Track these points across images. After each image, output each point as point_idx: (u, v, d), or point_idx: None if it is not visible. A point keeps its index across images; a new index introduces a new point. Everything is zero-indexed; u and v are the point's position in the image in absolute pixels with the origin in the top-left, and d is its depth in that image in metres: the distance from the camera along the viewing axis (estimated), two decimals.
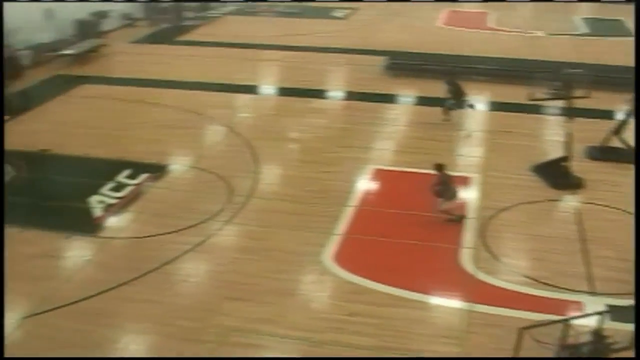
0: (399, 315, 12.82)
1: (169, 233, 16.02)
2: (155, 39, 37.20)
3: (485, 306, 13.01)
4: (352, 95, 25.83)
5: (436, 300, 13.35)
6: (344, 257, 14.81)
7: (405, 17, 41.54)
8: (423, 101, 24.94)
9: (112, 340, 12.35)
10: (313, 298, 13.53)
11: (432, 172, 16.29)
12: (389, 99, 25.42)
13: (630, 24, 36.61)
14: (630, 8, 33.42)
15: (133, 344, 12.28)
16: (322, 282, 14.03)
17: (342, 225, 16.16)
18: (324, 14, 42.33)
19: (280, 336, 12.30)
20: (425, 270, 14.44)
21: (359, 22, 40.11)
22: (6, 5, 30.23)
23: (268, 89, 27.49)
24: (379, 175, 18.90)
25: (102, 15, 37.13)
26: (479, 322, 12.63)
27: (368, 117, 22.75)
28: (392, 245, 15.27)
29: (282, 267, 14.50)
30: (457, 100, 21.76)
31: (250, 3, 44.81)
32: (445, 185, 15.95)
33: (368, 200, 17.58)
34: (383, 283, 13.69)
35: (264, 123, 22.92)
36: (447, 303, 13.25)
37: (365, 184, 18.38)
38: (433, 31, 37.90)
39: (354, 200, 17.37)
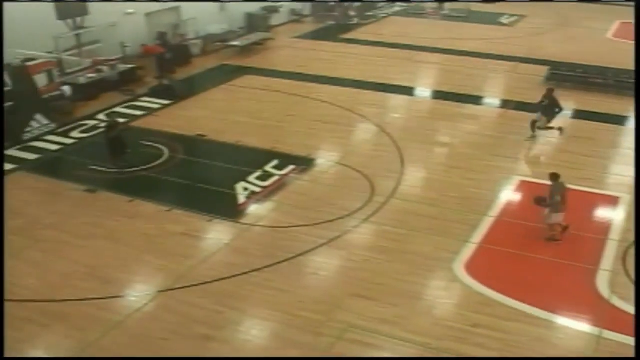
0: (523, 332, 12.43)
1: (306, 225, 16.34)
2: (319, 35, 37.91)
3: (616, 334, 12.34)
4: (507, 104, 25.18)
5: (564, 321, 12.81)
6: (476, 267, 14.53)
7: (574, 27, 39.94)
8: (580, 115, 23.93)
9: (236, 322, 12.82)
10: (438, 305, 13.39)
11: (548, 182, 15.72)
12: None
13: None
14: None
15: (255, 329, 12.68)
16: (450, 290, 13.86)
17: (479, 235, 15.84)
18: (491, 19, 41.47)
19: (398, 338, 12.26)
20: (557, 288, 13.87)
21: (525, 30, 38.98)
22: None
23: (423, 91, 27.32)
24: (524, 187, 18.34)
25: (272, 10, 38.27)
26: (607, 350, 12.03)
27: (521, 127, 22.09)
28: (527, 259, 14.80)
29: (412, 270, 14.44)
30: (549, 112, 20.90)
31: (416, 4, 44.60)
32: (554, 197, 15.22)
33: (509, 211, 17.11)
34: (512, 297, 13.32)
35: (414, 125, 22.84)
36: (575, 325, 12.69)
37: (508, 195, 17.90)
38: (601, 43, 36.14)
39: (495, 210, 16.97)
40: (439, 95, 26.11)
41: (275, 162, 19.75)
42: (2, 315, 10.81)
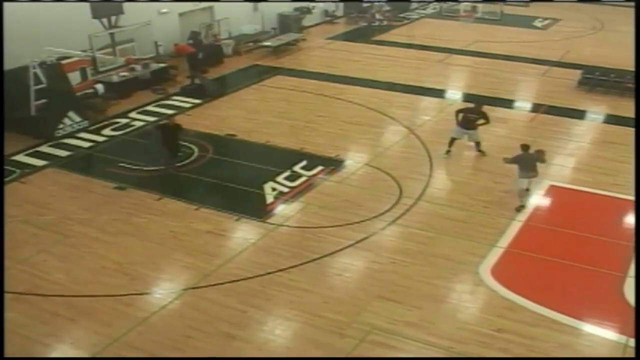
0: (548, 338, 12.30)
1: (333, 226, 16.35)
2: (351, 36, 37.86)
3: None
4: (539, 108, 24.92)
5: (590, 328, 12.66)
6: (502, 271, 14.43)
7: (609, 31, 39.44)
8: (613, 119, 23.64)
9: (259, 322, 12.84)
10: (463, 308, 13.32)
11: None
12: (577, 114, 24.22)
13: None
14: None
15: (278, 329, 12.68)
16: (475, 294, 13.77)
17: (506, 239, 15.71)
18: (524, 22, 41.11)
19: (422, 342, 12.22)
20: (584, 295, 13.71)
21: (559, 34, 38.56)
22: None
23: (453, 93, 27.16)
24: (554, 192, 18.17)
25: (305, 11, 38.35)
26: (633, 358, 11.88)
27: (552, 132, 21.91)
28: (554, 265, 14.62)
29: (438, 273, 14.38)
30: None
31: (450, 6, 44.40)
32: (518, 162, 16.92)
33: (538, 216, 16.94)
34: (538, 303, 13.18)
35: (444, 127, 22.66)
36: (601, 333, 12.52)
37: (538, 199, 17.72)
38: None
39: (524, 215, 16.83)
40: (469, 98, 25.92)
41: (303, 163, 19.79)
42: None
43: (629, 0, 33.91)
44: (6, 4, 22.51)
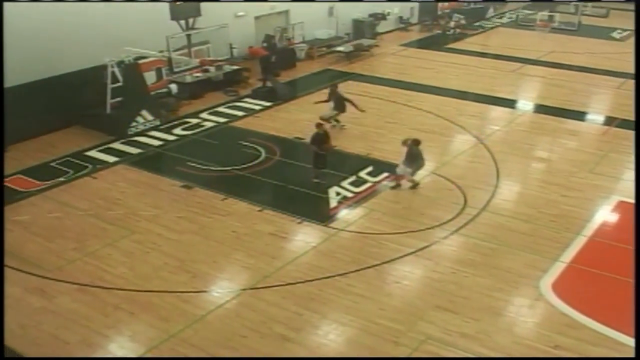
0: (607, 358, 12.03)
1: (394, 233, 16.32)
2: (425, 44, 37.73)
3: None
4: (612, 121, 24.32)
5: None
6: (563, 287, 14.13)
7: None
8: None
9: (314, 325, 12.91)
10: (521, 322, 13.08)
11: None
12: None
13: None
14: None
15: (332, 334, 12.70)
16: (534, 308, 13.52)
17: (570, 254, 15.37)
18: (602, 34, 40.13)
19: (476, 354, 12.07)
20: None
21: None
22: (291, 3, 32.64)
23: (525, 104, 26.74)
24: (622, 208, 17.67)
25: (379, 17, 38.33)
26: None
27: (625, 146, 21.33)
28: (618, 283, 14.23)
29: (497, 285, 14.18)
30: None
31: (526, 16, 43.70)
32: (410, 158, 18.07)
33: (604, 232, 16.52)
34: (598, 321, 12.87)
35: (513, 138, 22.42)
36: None
37: (605, 215, 17.30)
38: None
39: (589, 230, 16.44)
40: (541, 109, 25.54)
41: (369, 169, 19.80)
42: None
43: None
44: (91, 5, 23.38)
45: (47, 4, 22.29)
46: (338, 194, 18.44)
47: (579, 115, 25.09)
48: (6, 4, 20.85)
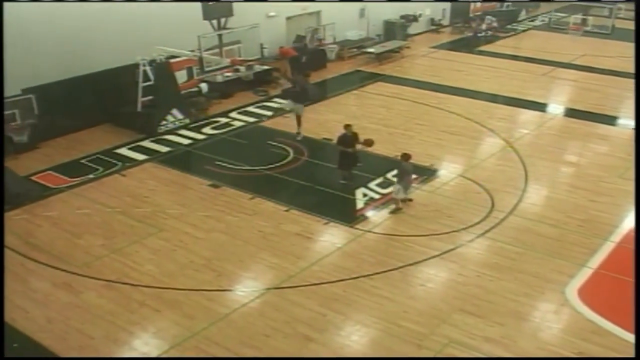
0: None
1: (420, 236, 16.29)
2: (456, 46, 37.55)
3: None
4: None
5: None
6: (590, 293, 14.00)
7: None
8: None
9: (338, 326, 12.93)
10: (546, 328, 12.96)
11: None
12: None
13: None
14: None
15: (355, 335, 12.72)
16: (560, 314, 13.39)
17: (597, 260, 15.23)
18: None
19: (500, 359, 12.03)
20: None
21: None
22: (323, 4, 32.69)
23: (556, 108, 26.49)
24: None
25: (411, 19, 38.23)
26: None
27: None
28: None
29: (523, 290, 14.08)
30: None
31: (559, 19, 43.26)
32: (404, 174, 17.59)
33: (632, 238, 16.31)
34: (624, 328, 12.71)
35: (543, 142, 22.23)
36: None
37: (633, 221, 17.07)
38: None
39: (618, 236, 16.28)
40: (571, 113, 25.31)
41: (397, 171, 19.73)
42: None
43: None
44: (124, 5, 23.63)
45: (81, 3, 22.57)
46: (365, 195, 18.45)
47: (610, 120, 24.83)
48: (45, 4, 21.33)
